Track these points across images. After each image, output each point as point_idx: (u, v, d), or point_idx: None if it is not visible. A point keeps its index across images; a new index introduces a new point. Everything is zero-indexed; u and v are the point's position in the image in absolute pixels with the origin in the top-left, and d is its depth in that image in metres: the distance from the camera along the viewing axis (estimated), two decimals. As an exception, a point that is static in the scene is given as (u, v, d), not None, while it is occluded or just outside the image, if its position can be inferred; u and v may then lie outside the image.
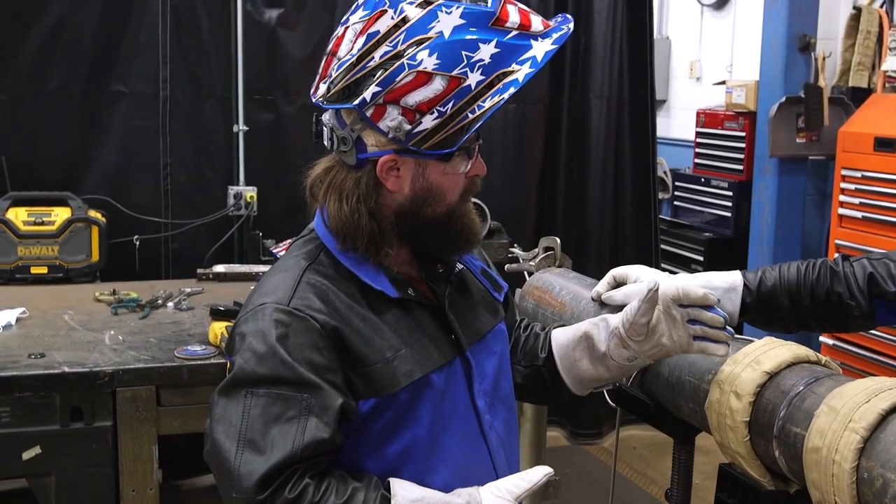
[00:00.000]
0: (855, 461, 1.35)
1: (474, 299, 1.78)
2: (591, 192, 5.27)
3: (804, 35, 5.49)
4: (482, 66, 1.49)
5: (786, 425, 1.52)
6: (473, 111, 1.50)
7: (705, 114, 6.57)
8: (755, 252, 5.84)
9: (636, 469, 4.92)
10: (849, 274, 2.10)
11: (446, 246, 1.67)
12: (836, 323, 2.15)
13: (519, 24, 1.53)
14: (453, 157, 1.57)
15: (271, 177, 4.61)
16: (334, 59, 1.56)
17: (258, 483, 1.40)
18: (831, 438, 1.39)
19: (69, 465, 2.88)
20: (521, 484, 1.50)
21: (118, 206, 4.40)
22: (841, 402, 1.42)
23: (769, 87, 5.65)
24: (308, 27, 4.62)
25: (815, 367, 1.62)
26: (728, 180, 6.34)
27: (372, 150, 1.56)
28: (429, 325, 1.65)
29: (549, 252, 2.49)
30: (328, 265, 1.62)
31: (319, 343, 1.51)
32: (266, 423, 1.44)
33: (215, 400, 1.50)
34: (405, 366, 1.57)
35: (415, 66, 1.48)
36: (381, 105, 1.50)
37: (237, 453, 1.42)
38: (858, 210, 4.93)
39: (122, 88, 4.45)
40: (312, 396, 1.46)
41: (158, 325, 3.39)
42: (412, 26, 1.49)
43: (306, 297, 1.55)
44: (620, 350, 1.74)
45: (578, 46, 5.18)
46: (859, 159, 4.93)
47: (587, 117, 5.23)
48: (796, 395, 1.54)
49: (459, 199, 1.64)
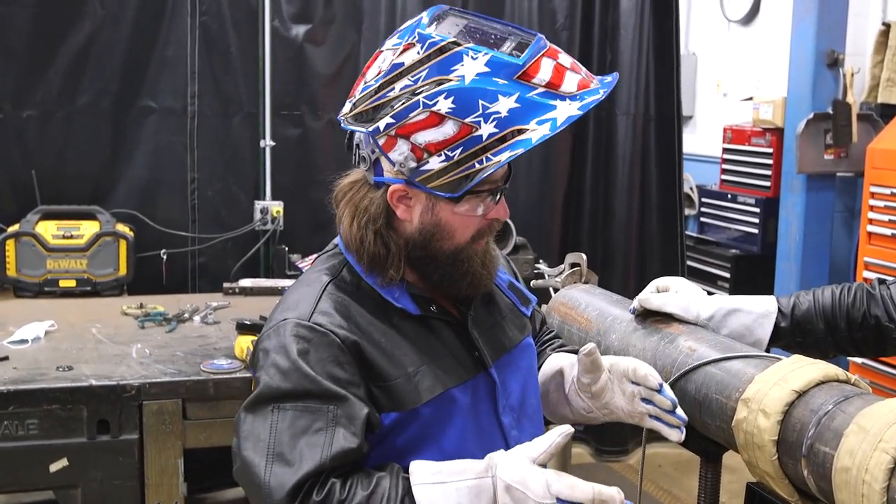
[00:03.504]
0: (886, 482, 1.34)
1: (501, 314, 1.78)
2: (617, 208, 5.26)
3: (832, 51, 5.46)
4: (497, 119, 1.46)
5: (815, 444, 1.50)
6: (481, 162, 1.48)
7: (732, 130, 6.54)
8: (782, 269, 5.80)
9: (662, 487, 4.89)
10: (886, 297, 2.09)
11: (450, 285, 1.65)
12: (874, 347, 2.14)
13: (548, 81, 1.49)
14: (465, 199, 1.56)
15: (297, 192, 4.63)
16: (363, 80, 1.57)
17: (289, 494, 1.40)
18: (861, 458, 1.38)
19: (96, 477, 2.90)
20: (540, 445, 1.46)
21: (146, 220, 4.44)
22: (871, 422, 1.41)
23: (797, 103, 5.62)
24: (335, 43, 4.65)
25: (845, 386, 1.60)
26: (755, 197, 6.30)
27: (387, 175, 1.57)
28: (452, 342, 1.65)
29: (576, 268, 2.48)
30: (350, 281, 1.63)
31: (341, 358, 1.51)
32: (294, 437, 1.45)
33: (242, 417, 1.51)
34: (427, 381, 1.57)
35: (430, 105, 1.47)
36: (393, 137, 1.51)
37: (266, 467, 1.43)
38: (888, 227, 4.89)
39: (151, 104, 4.49)
40: (339, 407, 1.47)
41: (185, 339, 3.41)
42: (435, 65, 1.48)
43: (328, 312, 1.56)
44: (577, 399, 1.78)
45: (605, 62, 5.18)
46: (889, 176, 4.89)
47: (613, 133, 5.23)
48: (825, 413, 1.52)
49: (470, 241, 1.62)
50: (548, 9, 5.05)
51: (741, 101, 6.65)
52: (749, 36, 6.84)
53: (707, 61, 7.30)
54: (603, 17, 5.17)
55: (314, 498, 1.41)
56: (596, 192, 5.27)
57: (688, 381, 1.88)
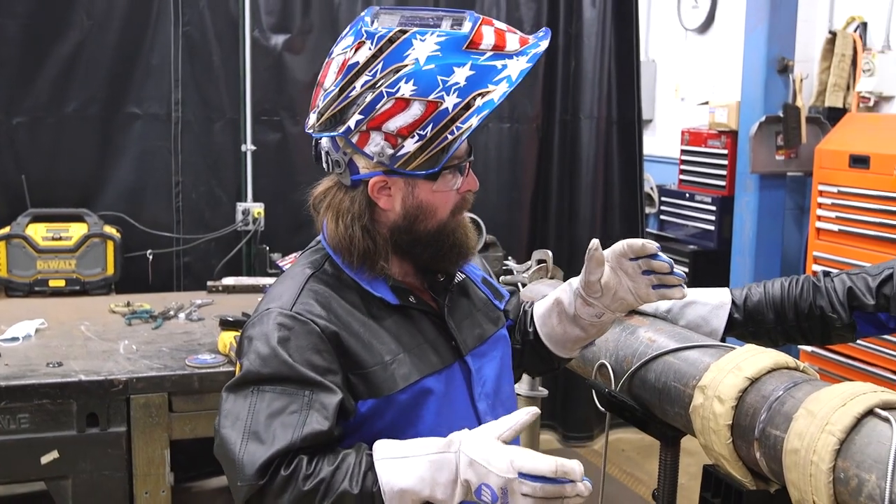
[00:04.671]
0: (832, 462, 1.35)
1: (475, 307, 1.79)
2: (581, 207, 5.28)
3: (783, 58, 5.50)
4: (458, 89, 1.49)
5: (766, 428, 1.52)
6: (452, 132, 1.51)
7: (689, 132, 6.57)
8: (737, 264, 5.84)
9: (625, 470, 4.91)
10: (830, 289, 2.12)
11: (440, 259, 1.67)
12: (819, 336, 2.17)
13: (493, 45, 1.53)
14: (442, 175, 1.58)
15: (278, 194, 4.61)
16: (321, 90, 1.58)
17: (259, 469, 1.41)
18: (809, 440, 1.39)
19: (85, 468, 2.88)
20: (504, 423, 1.45)
21: (132, 222, 4.41)
22: (818, 406, 1.42)
23: (750, 106, 5.65)
24: (313, 52, 4.64)
25: (794, 373, 1.62)
26: (711, 196, 6.34)
27: (364, 171, 1.58)
28: (429, 332, 1.66)
29: (542, 264, 2.49)
30: (332, 274, 1.64)
31: (320, 346, 1.52)
32: (269, 417, 1.46)
33: (224, 397, 1.52)
34: (403, 369, 1.58)
35: (393, 93, 1.49)
36: (365, 132, 1.52)
37: (241, 445, 1.44)
38: (835, 224, 4.93)
39: (137, 111, 4.46)
40: (314, 393, 1.48)
41: (170, 336, 3.39)
42: (389, 55, 1.50)
43: (308, 303, 1.57)
44: (586, 308, 1.76)
45: (569, 68, 5.19)
46: (835, 175, 4.93)
47: (578, 136, 5.24)
48: (776, 399, 1.54)
49: (451, 215, 1.64)
50: (515, 17, 5.06)
51: (698, 106, 6.68)
52: (705, 44, 6.87)
53: (666, 68, 7.33)
54: (567, 25, 5.18)
55: (282, 473, 1.41)
56: (561, 192, 5.28)
57: (648, 370, 1.89)
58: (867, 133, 4.91)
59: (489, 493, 1.38)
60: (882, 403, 1.39)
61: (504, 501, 1.37)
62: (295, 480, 1.41)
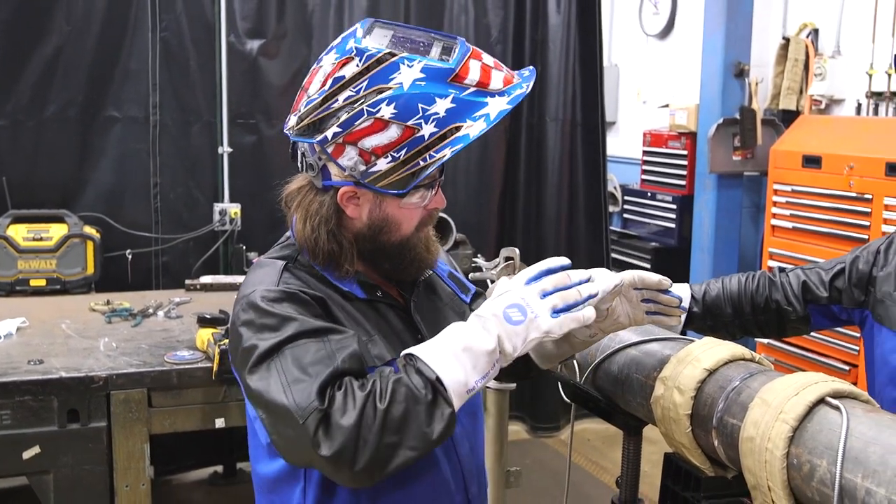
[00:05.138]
0: (785, 448, 1.36)
1: (442, 301, 1.79)
2: (547, 207, 5.29)
3: (739, 62, 5.55)
4: (436, 119, 1.48)
5: (723, 417, 1.53)
6: (425, 160, 1.50)
7: (651, 134, 6.62)
8: (697, 260, 5.89)
9: (590, 459, 4.93)
10: (785, 283, 2.15)
11: (399, 271, 1.67)
12: (775, 328, 2.19)
13: (478, 81, 1.52)
14: (409, 193, 1.57)
15: (254, 194, 4.59)
16: (305, 94, 1.57)
17: (315, 398, 1.36)
18: (764, 428, 1.40)
19: (66, 463, 2.85)
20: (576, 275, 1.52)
21: (112, 222, 4.37)
22: (772, 396, 1.43)
23: (708, 109, 5.70)
24: (287, 57, 4.62)
25: (750, 364, 1.63)
26: (672, 195, 6.38)
27: (335, 179, 1.57)
28: (396, 324, 1.66)
29: (510, 261, 2.50)
30: (304, 268, 1.64)
31: (316, 311, 1.51)
32: (302, 367, 1.41)
33: (247, 382, 1.47)
34: (376, 349, 1.58)
35: (373, 113, 1.48)
36: (341, 144, 1.51)
37: (288, 395, 1.39)
38: (789, 221, 4.99)
39: (115, 114, 4.42)
40: (331, 334, 1.46)
41: (149, 333, 3.36)
42: (375, 75, 1.49)
43: (291, 281, 1.57)
44: (583, 330, 1.74)
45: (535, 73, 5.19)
46: (789, 175, 4.99)
47: (544, 138, 5.26)
48: (733, 389, 1.55)
49: (415, 230, 1.64)
50: (483, 24, 5.07)
51: (659, 108, 6.73)
52: (665, 49, 6.91)
53: (628, 72, 7.37)
54: (533, 32, 5.19)
55: (337, 393, 1.37)
56: (528, 192, 5.30)
57: (611, 362, 1.90)
58: (819, 134, 4.98)
59: (515, 309, 1.45)
60: (833, 392, 1.40)
61: (531, 311, 1.45)
62: (351, 393, 1.37)
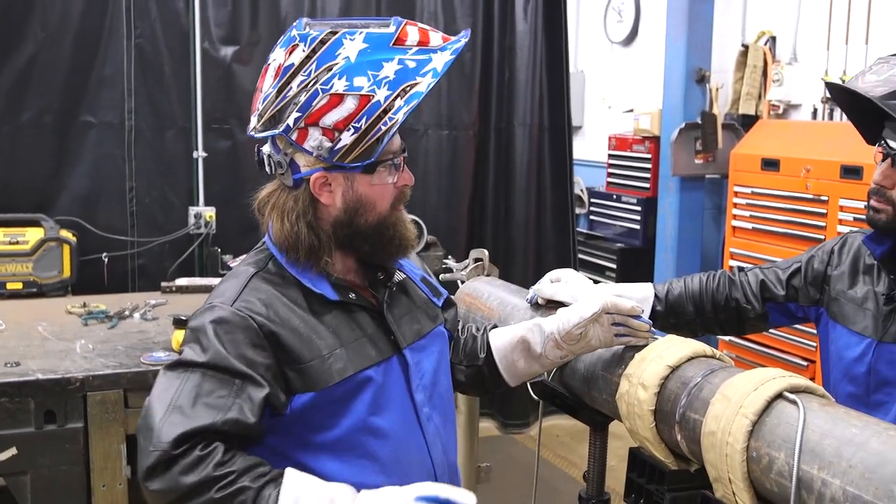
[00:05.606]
0: (745, 442, 1.38)
1: (415, 304, 1.78)
2: (516, 209, 5.31)
3: (700, 69, 5.60)
4: (388, 83, 1.51)
5: (686, 412, 1.54)
6: (385, 123, 1.52)
7: (616, 138, 6.65)
8: (661, 260, 5.92)
9: (559, 454, 4.95)
10: (744, 282, 2.17)
11: (380, 251, 1.67)
12: (735, 326, 2.21)
13: (418, 41, 1.56)
14: (378, 170, 1.59)
15: (228, 198, 4.56)
16: (260, 94, 1.59)
17: (176, 440, 1.39)
18: (725, 423, 1.41)
19: (43, 464, 2.81)
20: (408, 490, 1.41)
21: (88, 226, 4.34)
22: (733, 391, 1.45)
23: (670, 114, 5.74)
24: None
25: (711, 361, 1.65)
26: (636, 197, 6.42)
27: (305, 169, 1.58)
28: (368, 327, 1.65)
29: (479, 262, 2.49)
30: (275, 273, 1.63)
31: (256, 341, 1.51)
32: (197, 396, 1.45)
33: (160, 374, 1.52)
34: (339, 364, 1.57)
35: (328, 89, 1.50)
36: (304, 128, 1.53)
37: (164, 415, 1.43)
38: (749, 222, 5.04)
39: (91, 119, 4.39)
40: (243, 383, 1.47)
41: (126, 335, 3.33)
42: (321, 55, 1.52)
43: (249, 300, 1.56)
44: (555, 351, 1.79)
45: (504, 79, 5.22)
46: (749, 177, 5.03)
47: (512, 142, 5.27)
48: (695, 385, 1.56)
49: (390, 209, 1.65)
50: (452, 31, 5.00)
51: (623, 113, 6.76)
52: (629, 56, 6.96)
53: (593, 78, 7.41)
54: (501, 38, 5.20)
55: (197, 452, 1.39)
56: (497, 195, 5.31)
57: (578, 360, 1.90)
58: (777, 138, 5.03)
59: None
60: (790, 387, 1.42)
61: None
62: (207, 463, 1.38)
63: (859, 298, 2.02)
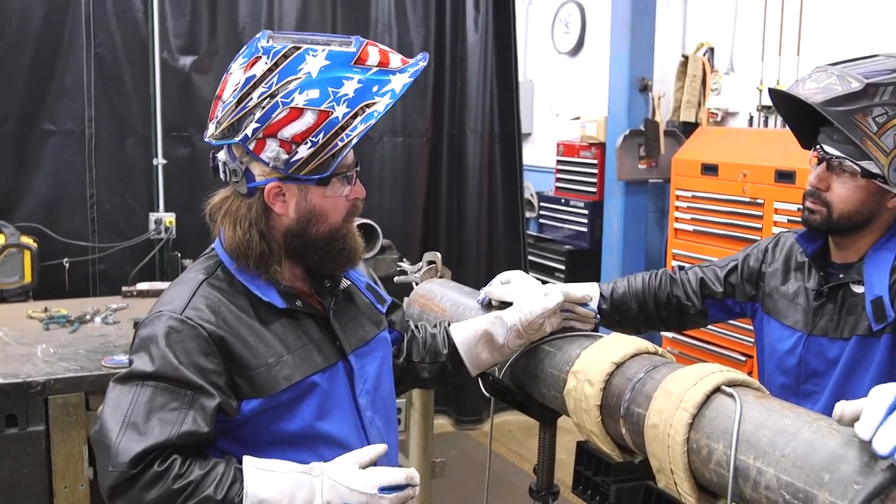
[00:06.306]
0: (686, 434, 1.39)
1: (359, 310, 1.77)
2: (468, 213, 5.32)
3: (643, 78, 5.65)
4: (347, 100, 1.50)
5: (630, 407, 1.55)
6: (342, 139, 1.51)
7: (564, 144, 6.69)
8: (607, 261, 5.96)
9: (511, 449, 4.97)
10: (684, 280, 2.19)
11: (329, 262, 1.66)
12: (677, 322, 2.24)
13: (378, 62, 1.54)
14: (332, 182, 1.58)
15: (188, 204, 4.51)
16: (220, 102, 1.56)
17: (133, 459, 1.38)
18: (666, 416, 1.43)
19: (5, 466, 2.75)
20: (363, 452, 1.54)
21: (49, 232, 4.26)
22: (674, 386, 1.46)
23: (615, 121, 5.78)
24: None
25: (654, 357, 1.66)
26: (584, 201, 6.46)
27: (259, 178, 1.56)
28: (315, 333, 1.64)
29: (432, 265, 2.49)
30: (224, 280, 1.61)
31: (206, 349, 1.49)
32: (150, 411, 1.43)
33: (111, 387, 1.48)
34: (286, 370, 1.56)
35: (288, 103, 1.49)
36: (262, 139, 1.51)
37: (119, 432, 1.41)
38: (690, 224, 5.10)
39: (52, 127, 4.32)
40: (195, 394, 1.46)
41: (87, 338, 3.27)
42: (284, 69, 1.50)
43: (199, 308, 1.53)
44: (516, 340, 1.86)
45: (456, 87, 5.23)
46: (690, 182, 5.09)
47: (464, 148, 5.29)
48: (638, 380, 1.57)
49: (342, 221, 1.63)
50: (405, 41, 5.07)
51: (571, 121, 6.81)
52: (576, 66, 7.00)
53: (542, 87, 7.44)
54: (453, 48, 5.22)
55: (155, 468, 1.39)
56: (450, 200, 5.32)
57: (527, 357, 1.91)
58: (716, 144, 5.09)
59: None
60: (728, 381, 1.43)
61: None
62: (166, 478, 1.39)
63: (791, 294, 2.05)
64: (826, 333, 1.96)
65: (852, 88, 1.80)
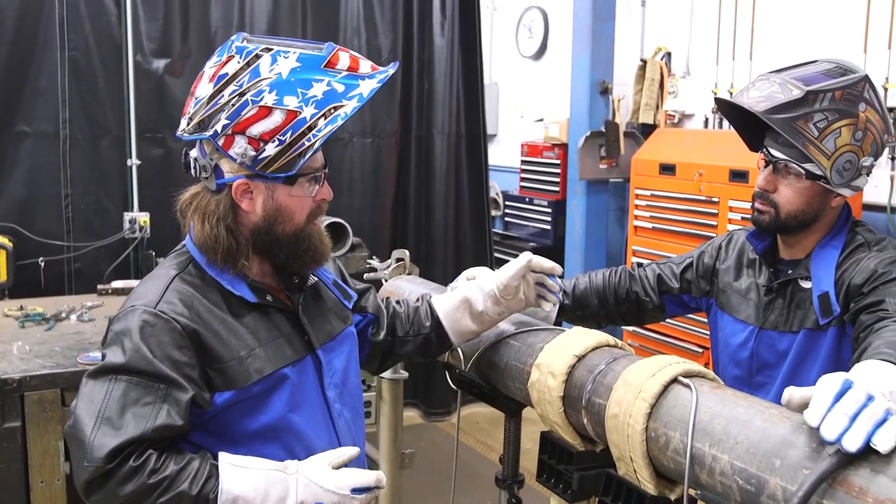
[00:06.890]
0: (644, 423, 1.41)
1: (327, 307, 1.77)
2: (436, 211, 5.32)
3: (603, 81, 5.68)
4: (315, 101, 1.50)
5: (591, 398, 1.56)
6: (309, 139, 1.51)
7: (528, 145, 6.71)
8: (570, 258, 5.99)
9: (479, 440, 4.98)
10: (643, 276, 2.22)
11: (295, 261, 1.65)
12: (635, 316, 2.26)
13: (348, 66, 1.55)
14: (299, 181, 1.57)
15: (162, 203, 4.40)
16: (193, 98, 1.56)
17: (108, 454, 1.37)
18: (626, 406, 1.44)
19: (-19, 462, 2.72)
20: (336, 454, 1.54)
21: (24, 231, 4.20)
22: (633, 377, 1.47)
23: (577, 123, 5.81)
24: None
25: (614, 350, 1.67)
26: (547, 199, 6.48)
27: (228, 175, 1.56)
28: (284, 327, 1.64)
29: (401, 262, 2.49)
30: (195, 275, 1.60)
31: (180, 342, 1.49)
32: (124, 406, 1.42)
33: (84, 381, 1.47)
34: (257, 363, 1.56)
35: (258, 101, 1.48)
36: (231, 135, 1.50)
37: (94, 427, 1.40)
38: (649, 222, 5.14)
39: (26, 129, 4.25)
40: (168, 388, 1.45)
41: (62, 336, 3.23)
42: (255, 69, 1.50)
43: (172, 301, 1.53)
44: (494, 307, 1.86)
45: (423, 90, 5.23)
46: (648, 181, 5.13)
47: (432, 149, 5.29)
48: (599, 372, 1.58)
49: (307, 221, 1.63)
50: (374, 45, 5.06)
51: (534, 122, 6.82)
52: (539, 69, 7.02)
53: (506, 89, 7.46)
54: (420, 52, 5.21)
55: (131, 463, 1.38)
56: (418, 199, 5.32)
57: (493, 351, 1.92)
58: (673, 145, 5.14)
59: None
60: (685, 372, 1.45)
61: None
62: (142, 473, 1.39)
63: (743, 289, 2.08)
64: (776, 327, 2.00)
65: (793, 96, 1.83)
